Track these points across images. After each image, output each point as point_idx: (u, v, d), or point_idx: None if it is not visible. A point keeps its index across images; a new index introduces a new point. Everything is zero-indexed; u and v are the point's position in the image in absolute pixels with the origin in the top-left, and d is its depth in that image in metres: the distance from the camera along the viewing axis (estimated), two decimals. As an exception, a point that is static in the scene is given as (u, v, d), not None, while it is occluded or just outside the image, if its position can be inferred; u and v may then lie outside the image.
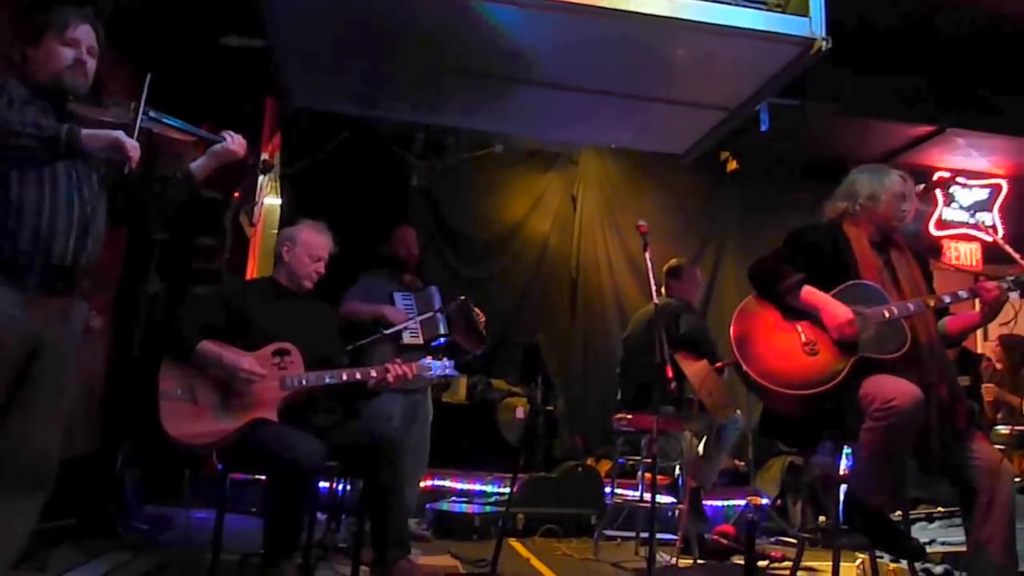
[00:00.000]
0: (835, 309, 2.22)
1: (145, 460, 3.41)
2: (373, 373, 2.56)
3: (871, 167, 2.49)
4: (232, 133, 2.13)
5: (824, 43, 3.24)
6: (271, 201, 5.34)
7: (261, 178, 4.83)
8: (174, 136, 2.03)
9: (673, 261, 4.01)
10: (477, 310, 3.70)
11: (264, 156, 4.49)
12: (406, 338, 3.48)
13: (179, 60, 3.86)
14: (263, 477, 2.47)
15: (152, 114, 1.95)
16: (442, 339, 3.59)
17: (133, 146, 1.82)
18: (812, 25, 3.25)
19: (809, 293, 2.28)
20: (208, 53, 4.03)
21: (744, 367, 2.25)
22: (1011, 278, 2.24)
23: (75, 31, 1.91)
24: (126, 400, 3.55)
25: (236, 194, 4.28)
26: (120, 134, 1.82)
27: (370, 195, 5.43)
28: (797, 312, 2.31)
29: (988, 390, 4.69)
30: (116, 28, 2.05)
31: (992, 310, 2.26)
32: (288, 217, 4.97)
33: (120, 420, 3.56)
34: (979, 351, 5.74)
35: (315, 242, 2.70)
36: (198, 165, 2.13)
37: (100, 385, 3.76)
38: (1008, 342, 4.99)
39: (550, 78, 3.84)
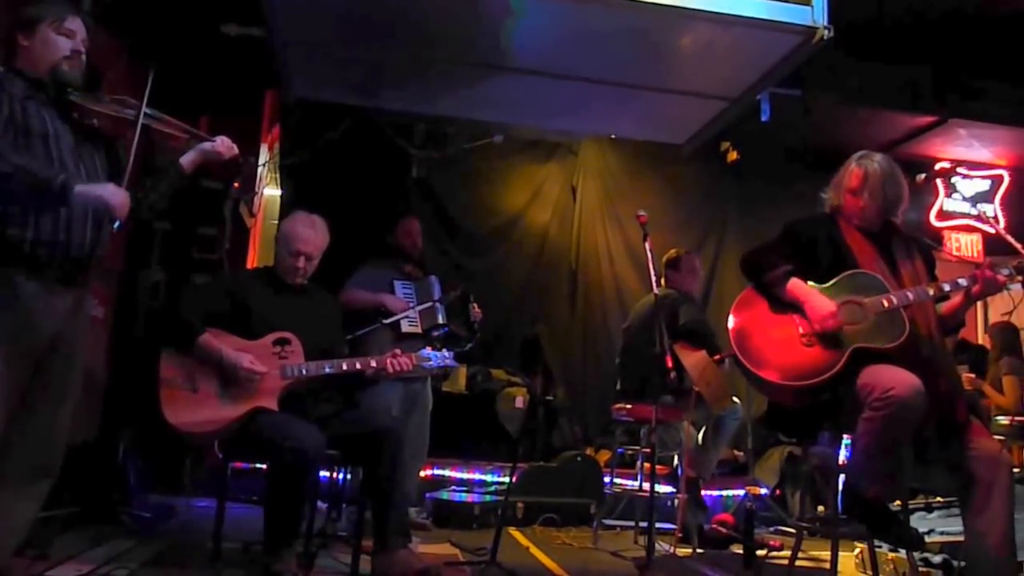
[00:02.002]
0: (817, 301, 2.22)
1: (147, 448, 3.43)
2: (373, 363, 2.57)
3: (854, 156, 2.44)
4: (224, 138, 2.19)
5: (826, 32, 3.22)
6: (271, 192, 5.33)
7: (260, 169, 4.83)
8: (170, 132, 2.07)
9: (672, 252, 4.00)
10: (476, 307, 3.69)
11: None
12: (404, 327, 3.48)
13: (178, 49, 3.85)
14: (264, 466, 2.48)
15: (149, 111, 1.99)
16: (441, 329, 3.60)
17: (122, 203, 1.86)
18: (814, 13, 3.22)
19: (794, 286, 2.28)
20: (207, 42, 4.01)
21: (742, 359, 2.25)
22: (1013, 264, 2.23)
23: (71, 23, 1.95)
24: (127, 388, 3.57)
25: (235, 184, 4.28)
26: (108, 193, 1.86)
27: (370, 186, 5.42)
28: (792, 304, 2.30)
29: (966, 380, 4.65)
30: (115, 16, 2.06)
31: (983, 290, 2.24)
32: (288, 208, 4.97)
33: (121, 408, 3.58)
34: (979, 342, 5.73)
35: (294, 235, 2.63)
36: (187, 159, 2.18)
37: (102, 373, 3.77)
38: (993, 330, 4.94)
39: (550, 67, 3.83)
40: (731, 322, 2.33)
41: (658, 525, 3.01)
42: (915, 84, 5.09)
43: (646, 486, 3.40)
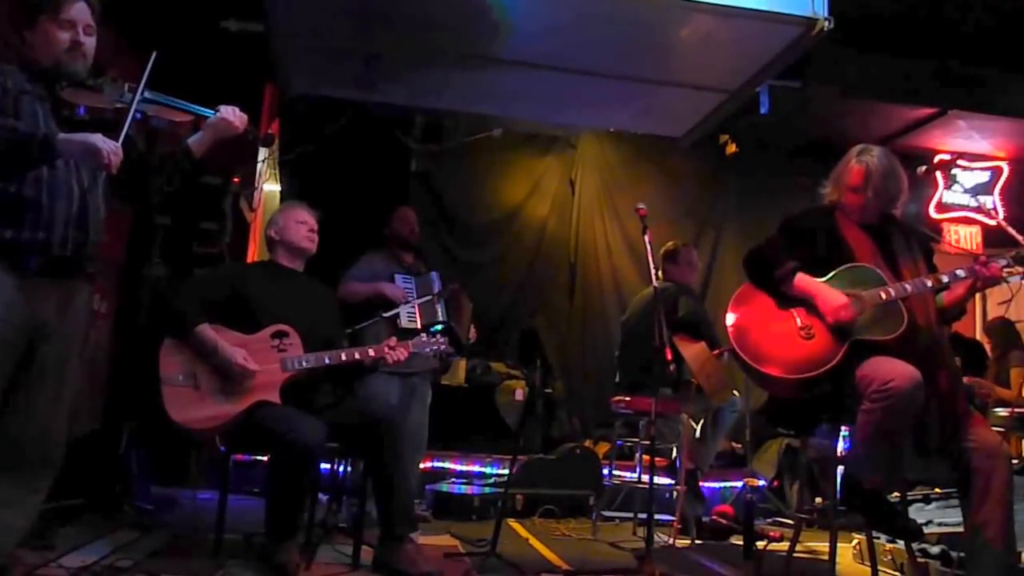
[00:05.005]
0: (829, 295, 2.23)
1: (150, 441, 3.45)
2: (371, 352, 2.59)
3: (853, 151, 2.42)
4: (230, 107, 2.08)
5: (826, 23, 3.22)
6: (270, 187, 5.33)
7: (260, 164, 4.83)
8: (172, 118, 2.01)
9: (669, 244, 3.99)
10: (474, 330, 3.69)
11: (269, 132, 4.46)
12: (403, 321, 3.48)
13: (178, 43, 3.84)
14: (266, 458, 2.50)
15: (148, 95, 1.92)
16: (439, 326, 3.59)
17: (111, 151, 1.73)
18: (814, 5, 3.22)
19: (803, 280, 2.29)
20: (207, 37, 4.00)
21: (741, 353, 2.27)
22: (1011, 255, 2.24)
23: (69, 11, 1.87)
24: (130, 381, 3.59)
25: (235, 179, 4.28)
26: (97, 139, 1.73)
27: (370, 180, 5.42)
28: (793, 298, 2.31)
29: (978, 384, 4.50)
30: (115, 11, 2.03)
31: (984, 285, 2.26)
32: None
33: (125, 401, 3.60)
34: (977, 334, 5.72)
35: (295, 211, 2.78)
36: (195, 139, 2.10)
37: (104, 367, 3.79)
38: (991, 328, 4.88)
39: (549, 60, 3.83)
40: (729, 318, 2.34)
41: (657, 516, 3.03)
42: (915, 76, 5.07)
43: (645, 478, 3.42)
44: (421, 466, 3.93)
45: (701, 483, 3.95)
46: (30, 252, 1.80)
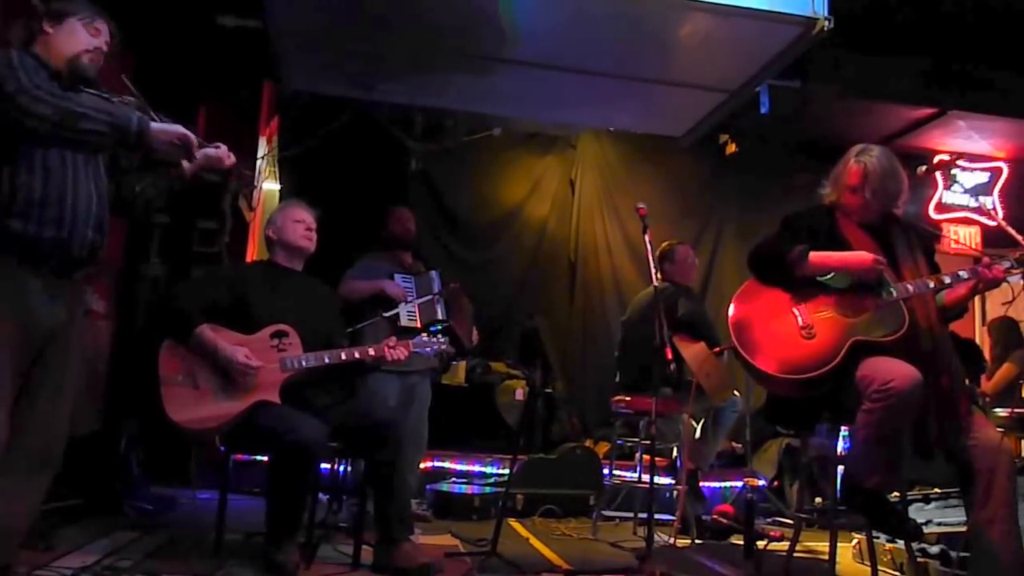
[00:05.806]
0: (854, 255, 2.23)
1: (149, 441, 3.44)
2: (371, 352, 2.59)
3: (852, 151, 2.42)
4: (223, 146, 2.18)
5: (826, 23, 3.22)
6: (270, 186, 5.33)
7: (259, 162, 4.82)
8: (174, 141, 2.05)
9: (664, 244, 3.97)
10: (477, 332, 3.69)
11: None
12: (404, 320, 3.48)
13: (174, 40, 3.84)
14: (266, 458, 2.49)
15: (151, 114, 1.98)
16: (439, 325, 3.59)
17: (196, 140, 1.96)
18: (814, 4, 3.23)
19: (818, 255, 2.27)
20: (204, 34, 3.99)
21: (742, 352, 2.26)
22: (1014, 257, 2.24)
23: (102, 24, 2.01)
24: (130, 381, 3.58)
25: (233, 178, 4.27)
26: (181, 127, 1.94)
27: (369, 179, 5.42)
28: (795, 296, 2.31)
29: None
30: (110, 8, 2.06)
31: (986, 286, 2.26)
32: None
33: (124, 401, 3.59)
34: (977, 334, 5.72)
35: (293, 210, 2.78)
36: (188, 165, 2.18)
37: (104, 366, 3.78)
38: (994, 326, 4.83)
39: (549, 60, 3.82)
40: (731, 313, 2.34)
41: (657, 516, 3.03)
42: (915, 76, 5.07)
43: (645, 478, 3.42)
44: (421, 466, 3.92)
45: (701, 483, 3.95)
46: (52, 251, 1.83)
